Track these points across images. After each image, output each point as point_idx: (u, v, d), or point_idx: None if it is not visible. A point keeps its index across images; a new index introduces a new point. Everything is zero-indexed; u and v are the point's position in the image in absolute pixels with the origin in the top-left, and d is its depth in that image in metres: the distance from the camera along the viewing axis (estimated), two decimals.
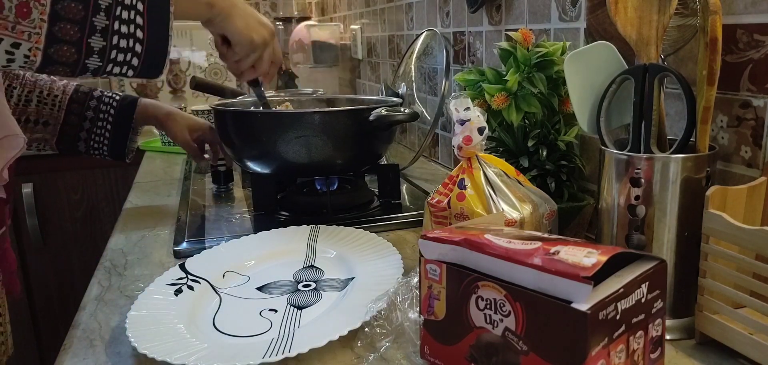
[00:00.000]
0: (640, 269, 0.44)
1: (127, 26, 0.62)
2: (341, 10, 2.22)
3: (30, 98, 0.97)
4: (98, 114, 1.01)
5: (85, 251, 1.88)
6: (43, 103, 0.98)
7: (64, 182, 1.81)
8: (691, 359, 0.54)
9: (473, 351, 0.48)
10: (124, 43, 0.63)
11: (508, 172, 0.70)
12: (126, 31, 0.62)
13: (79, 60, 0.61)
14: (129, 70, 0.65)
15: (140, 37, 0.64)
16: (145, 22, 0.64)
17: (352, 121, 0.92)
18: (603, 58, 0.63)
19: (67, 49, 0.59)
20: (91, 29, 0.60)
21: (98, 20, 0.60)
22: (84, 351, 0.60)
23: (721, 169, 0.63)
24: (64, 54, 0.60)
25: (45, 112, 0.98)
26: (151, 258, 0.84)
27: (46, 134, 0.99)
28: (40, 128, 0.98)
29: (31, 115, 0.97)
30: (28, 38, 0.57)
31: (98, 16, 0.60)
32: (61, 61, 0.60)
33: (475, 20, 1.13)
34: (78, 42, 0.60)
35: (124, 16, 0.62)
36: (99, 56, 0.62)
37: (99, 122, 1.01)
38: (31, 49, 0.58)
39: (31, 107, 0.97)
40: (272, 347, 0.55)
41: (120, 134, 1.03)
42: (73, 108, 1.00)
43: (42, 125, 0.98)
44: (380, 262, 0.73)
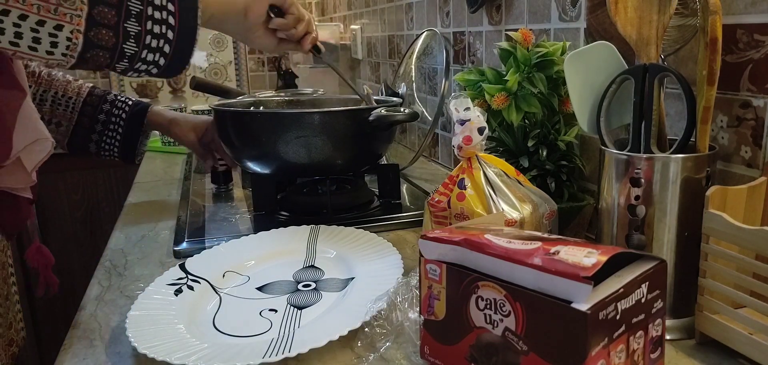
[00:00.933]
0: (640, 269, 0.44)
1: (159, 12, 0.65)
2: (341, 10, 2.22)
3: (45, 97, 0.99)
4: (110, 117, 1.03)
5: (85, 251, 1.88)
6: (58, 104, 0.99)
7: (64, 182, 1.81)
8: (691, 359, 0.54)
9: (473, 351, 0.48)
10: (158, 29, 0.65)
11: (508, 172, 0.70)
12: (158, 16, 0.65)
13: (117, 44, 0.63)
14: (161, 57, 0.67)
15: (172, 23, 0.66)
16: (176, 9, 0.66)
17: (352, 121, 0.92)
18: (603, 58, 0.63)
19: (106, 33, 0.61)
20: (127, 13, 0.62)
21: (133, 5, 0.62)
22: (84, 351, 0.60)
23: (721, 169, 0.63)
24: (103, 37, 0.62)
25: (58, 112, 0.99)
26: (151, 258, 0.84)
27: (58, 135, 1.00)
28: (53, 128, 0.99)
29: (46, 114, 0.99)
30: (70, 20, 0.59)
31: (133, 1, 0.62)
32: (101, 45, 0.62)
33: (475, 20, 1.13)
34: (115, 26, 0.62)
35: (157, 1, 0.64)
36: (135, 41, 0.64)
37: (111, 125, 1.03)
38: (73, 31, 0.60)
39: (45, 107, 0.99)
40: (272, 347, 0.55)
41: (131, 136, 1.04)
42: (87, 110, 1.01)
43: (55, 125, 1.00)
44: (380, 262, 0.73)
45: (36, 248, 0.85)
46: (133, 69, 0.67)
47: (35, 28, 0.58)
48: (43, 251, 0.86)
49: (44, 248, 0.86)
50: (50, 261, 0.87)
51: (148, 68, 0.68)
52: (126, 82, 2.20)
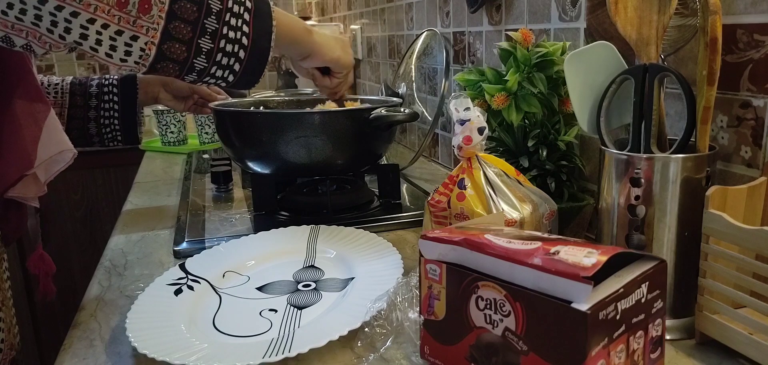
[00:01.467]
0: (640, 269, 0.44)
1: (234, 32, 0.66)
2: (341, 10, 2.22)
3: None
4: (102, 89, 1.03)
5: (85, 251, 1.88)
6: (46, 93, 0.98)
7: (64, 182, 1.81)
8: (691, 359, 0.54)
9: (473, 351, 0.48)
10: (230, 48, 0.66)
11: (508, 172, 0.70)
12: (233, 36, 0.66)
13: (188, 59, 0.64)
14: (230, 74, 0.68)
15: (245, 44, 0.67)
16: (250, 31, 0.67)
17: (351, 121, 0.92)
18: (603, 58, 0.63)
19: (179, 47, 0.63)
20: (202, 30, 0.63)
21: (209, 23, 0.63)
22: (84, 351, 0.60)
23: (721, 169, 0.63)
24: (175, 51, 0.63)
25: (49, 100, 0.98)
26: (151, 258, 0.84)
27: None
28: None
29: None
30: (146, 33, 0.60)
31: (209, 19, 0.63)
32: (173, 58, 0.63)
33: (475, 20, 1.13)
34: (189, 42, 0.63)
35: (233, 22, 0.65)
36: (206, 58, 0.65)
37: (105, 97, 1.02)
38: (148, 43, 0.61)
39: None
40: (272, 347, 0.55)
41: (129, 106, 1.04)
42: (76, 90, 1.01)
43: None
44: (380, 262, 0.73)
45: (38, 256, 0.85)
46: (201, 81, 0.68)
47: (114, 37, 0.59)
48: (44, 259, 0.86)
49: (46, 256, 0.87)
50: (51, 269, 0.87)
51: (216, 81, 0.69)
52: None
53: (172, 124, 1.62)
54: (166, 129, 1.63)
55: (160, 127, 1.64)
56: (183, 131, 1.65)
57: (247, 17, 0.67)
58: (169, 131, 1.63)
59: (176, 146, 1.64)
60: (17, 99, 0.72)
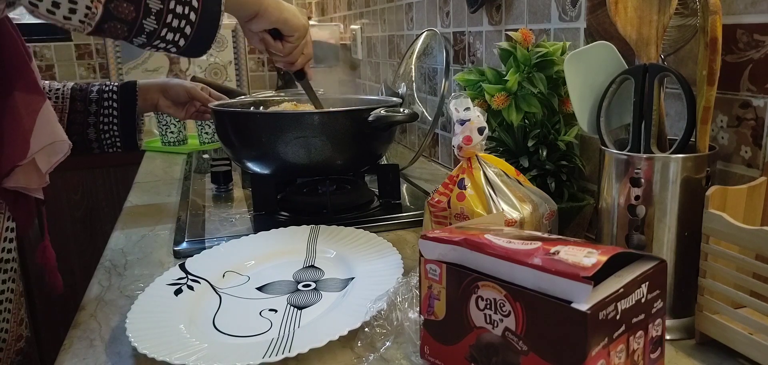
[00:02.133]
0: (640, 269, 0.44)
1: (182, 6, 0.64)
2: (341, 10, 2.22)
3: None
4: (102, 95, 1.02)
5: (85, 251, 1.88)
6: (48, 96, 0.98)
7: (64, 182, 1.81)
8: (691, 359, 0.54)
9: (473, 351, 0.48)
10: (180, 9, 0.64)
11: (508, 172, 0.70)
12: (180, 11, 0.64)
13: (136, 19, 0.62)
14: (181, 38, 0.67)
15: (195, 6, 0.66)
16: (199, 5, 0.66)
17: (351, 121, 0.92)
18: (603, 58, 0.63)
19: (127, 6, 0.61)
20: None
21: None
22: (84, 351, 0.60)
23: (721, 169, 0.63)
24: (123, 10, 0.61)
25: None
26: (151, 258, 0.84)
27: None
28: None
29: None
30: None
31: None
32: (120, 17, 0.61)
33: (475, 20, 1.13)
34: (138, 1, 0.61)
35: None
36: (155, 19, 0.63)
37: (105, 102, 1.02)
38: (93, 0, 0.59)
39: None
40: (272, 347, 0.55)
41: (128, 113, 1.03)
42: (77, 95, 1.01)
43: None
44: (380, 262, 0.73)
45: (43, 248, 0.86)
46: (151, 45, 0.67)
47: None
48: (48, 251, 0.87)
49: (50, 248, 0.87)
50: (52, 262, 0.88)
51: (166, 46, 0.68)
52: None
53: (172, 124, 1.62)
54: (166, 129, 1.63)
55: (160, 127, 1.64)
56: (183, 131, 1.65)
57: None
58: (169, 131, 1.63)
59: (176, 146, 1.64)
60: (17, 91, 0.72)
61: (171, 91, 1.11)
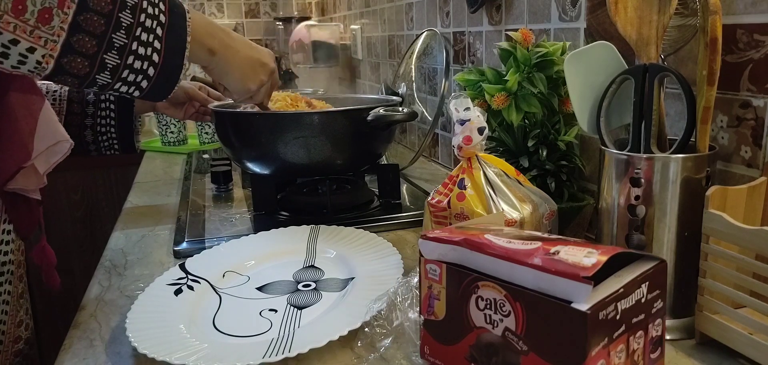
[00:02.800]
0: (640, 269, 0.44)
1: (144, 48, 0.61)
2: (341, 10, 2.22)
3: None
4: (99, 97, 1.00)
5: (85, 251, 1.88)
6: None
7: (64, 182, 1.81)
8: (691, 359, 0.54)
9: (473, 351, 0.48)
10: (139, 65, 0.62)
11: (508, 172, 0.70)
12: (142, 52, 0.61)
13: (89, 74, 0.59)
14: (136, 90, 0.64)
15: (156, 61, 0.63)
16: (162, 48, 0.63)
17: (350, 121, 0.92)
18: (603, 58, 0.63)
19: (81, 62, 0.58)
20: (109, 45, 0.59)
21: (117, 38, 0.59)
22: (84, 351, 0.60)
23: (721, 169, 0.63)
24: (76, 66, 0.58)
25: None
26: (151, 258, 0.84)
27: None
28: None
29: None
30: (44, 45, 0.56)
31: (118, 33, 0.59)
32: (72, 72, 0.59)
33: (475, 20, 1.13)
34: (93, 56, 0.58)
35: (144, 38, 0.61)
36: (111, 74, 0.60)
37: (101, 105, 1.01)
38: (45, 56, 0.56)
39: None
40: (272, 347, 0.55)
41: (125, 115, 1.01)
42: (73, 97, 1.00)
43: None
44: (380, 262, 0.73)
45: (41, 248, 0.86)
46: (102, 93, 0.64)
47: (7, 45, 0.55)
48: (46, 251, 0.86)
49: (48, 248, 0.87)
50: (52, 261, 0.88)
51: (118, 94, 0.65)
52: None
53: (172, 124, 1.62)
54: (166, 129, 1.63)
55: (160, 127, 1.64)
56: (183, 131, 1.65)
57: (159, 32, 0.62)
58: (169, 131, 1.63)
59: (176, 146, 1.64)
60: (12, 91, 0.70)
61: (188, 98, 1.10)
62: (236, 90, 0.80)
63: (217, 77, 0.78)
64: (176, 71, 0.65)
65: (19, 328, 0.82)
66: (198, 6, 2.72)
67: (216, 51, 0.73)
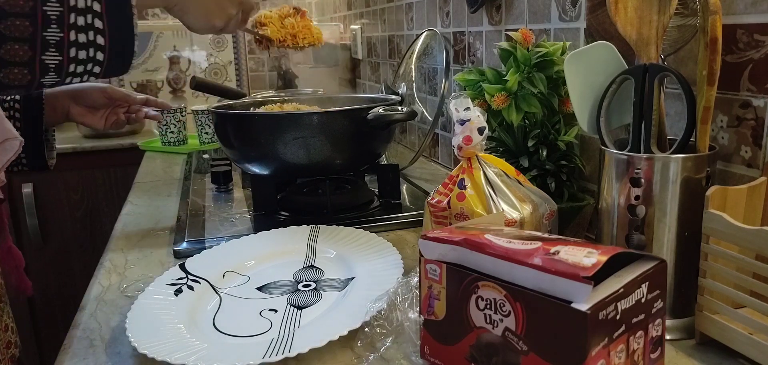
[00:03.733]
0: (640, 269, 0.44)
1: (84, 34, 0.56)
2: (341, 10, 2.22)
3: None
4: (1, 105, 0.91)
5: (85, 251, 1.88)
6: None
7: (64, 182, 1.81)
8: (691, 359, 0.54)
9: (473, 351, 0.48)
10: (84, 54, 0.57)
11: (508, 172, 0.70)
12: (84, 39, 0.57)
13: (33, 80, 0.56)
14: (90, 76, 0.60)
15: (101, 43, 0.58)
16: (105, 25, 0.58)
17: (349, 121, 0.92)
18: (603, 58, 0.63)
19: (18, 72, 0.54)
20: (44, 45, 0.54)
21: (50, 34, 0.54)
22: (84, 351, 0.60)
23: (721, 169, 0.63)
24: (15, 77, 0.55)
25: None
26: (151, 258, 0.84)
27: None
28: None
29: None
30: None
31: (49, 28, 0.54)
32: (13, 84, 0.55)
33: (475, 20, 1.13)
34: (30, 62, 0.54)
35: (80, 22, 0.56)
36: (56, 72, 0.57)
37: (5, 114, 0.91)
38: None
39: None
40: (272, 347, 0.55)
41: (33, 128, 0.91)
42: None
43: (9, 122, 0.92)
44: (380, 262, 0.73)
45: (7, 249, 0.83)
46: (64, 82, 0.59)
47: None
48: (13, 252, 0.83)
49: (15, 249, 0.84)
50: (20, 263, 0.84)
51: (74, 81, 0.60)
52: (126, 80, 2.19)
53: (172, 124, 1.62)
54: (166, 129, 1.63)
55: (160, 127, 1.64)
56: (183, 131, 1.65)
57: (97, 8, 0.56)
58: (169, 131, 1.63)
59: (176, 146, 1.64)
60: None
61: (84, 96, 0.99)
62: (200, 27, 0.77)
63: (178, 17, 0.75)
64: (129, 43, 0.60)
65: (6, 333, 0.80)
66: None
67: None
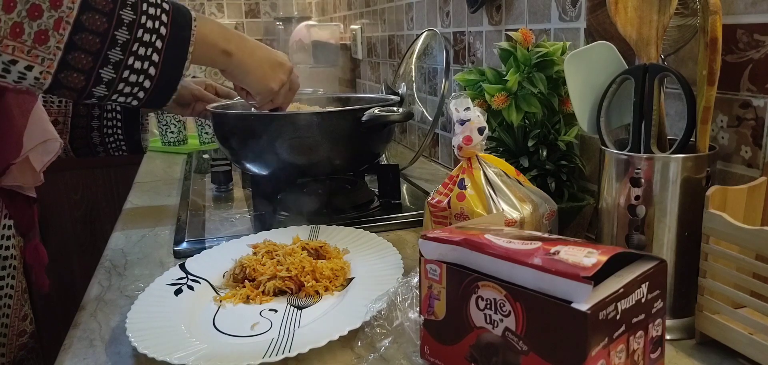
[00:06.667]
0: (640, 269, 0.44)
1: (141, 62, 0.63)
2: (341, 10, 2.22)
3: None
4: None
5: (85, 251, 1.87)
6: (50, 101, 0.98)
7: (64, 182, 1.80)
8: (691, 359, 0.54)
9: (473, 351, 0.48)
10: (134, 78, 0.63)
11: (508, 172, 0.70)
12: (139, 66, 0.63)
13: (86, 87, 0.61)
14: (133, 100, 0.65)
15: (152, 74, 0.64)
16: (160, 60, 0.64)
17: (346, 121, 0.92)
18: (603, 58, 0.63)
19: (77, 77, 0.60)
20: (104, 61, 0.61)
21: (113, 54, 0.61)
22: (84, 351, 0.60)
23: (721, 169, 0.63)
24: (73, 80, 0.60)
25: (52, 109, 0.98)
26: (151, 258, 0.84)
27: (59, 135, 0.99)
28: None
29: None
30: (42, 63, 0.58)
31: (114, 49, 0.61)
32: (69, 86, 0.61)
33: (475, 20, 1.13)
34: (89, 71, 0.61)
35: (141, 52, 0.62)
36: (107, 87, 0.62)
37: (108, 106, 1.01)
38: (43, 72, 0.59)
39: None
40: (272, 347, 0.55)
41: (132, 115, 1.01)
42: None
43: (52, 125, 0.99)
44: (380, 262, 0.73)
45: (34, 246, 0.86)
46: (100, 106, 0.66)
47: (7, 65, 0.58)
48: (39, 250, 0.87)
49: (41, 247, 0.87)
50: (44, 261, 0.88)
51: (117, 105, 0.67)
52: None
53: (172, 124, 1.62)
54: (166, 129, 1.62)
55: (160, 127, 1.64)
56: (183, 131, 1.65)
57: (158, 45, 0.63)
58: (169, 131, 1.63)
59: (176, 146, 1.64)
60: (9, 92, 0.71)
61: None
62: (258, 90, 0.81)
63: (237, 80, 0.79)
64: (174, 83, 0.66)
65: (24, 322, 0.82)
66: (198, 6, 2.72)
67: (232, 53, 0.74)
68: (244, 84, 0.80)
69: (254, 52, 0.77)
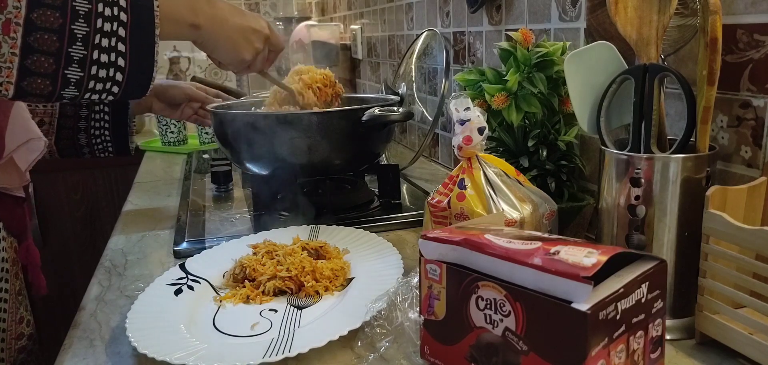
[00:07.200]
0: (640, 269, 0.44)
1: (107, 55, 0.60)
2: (341, 10, 2.22)
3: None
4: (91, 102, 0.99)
5: (85, 251, 1.88)
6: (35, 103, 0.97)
7: (64, 182, 1.81)
8: (691, 359, 0.54)
9: (473, 351, 0.48)
10: (104, 73, 0.60)
11: (508, 172, 0.70)
12: (106, 59, 0.60)
13: (54, 91, 0.59)
14: (108, 96, 0.63)
15: (122, 65, 0.61)
16: (127, 49, 0.61)
17: (346, 121, 0.92)
18: (603, 58, 0.63)
19: (42, 82, 0.58)
20: (68, 60, 0.58)
21: (75, 51, 0.58)
22: (84, 351, 0.60)
23: (721, 169, 0.63)
24: (37, 86, 0.58)
25: (38, 111, 0.96)
26: (151, 258, 0.84)
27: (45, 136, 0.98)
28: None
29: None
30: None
31: (74, 46, 0.58)
32: (35, 93, 0.58)
33: (475, 20, 1.13)
34: (53, 74, 0.58)
35: (105, 43, 0.59)
36: (76, 87, 0.60)
37: (95, 108, 0.99)
38: (3, 83, 0.56)
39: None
40: (272, 347, 0.55)
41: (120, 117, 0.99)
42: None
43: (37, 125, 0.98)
44: (380, 262, 0.73)
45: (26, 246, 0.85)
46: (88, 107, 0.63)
47: None
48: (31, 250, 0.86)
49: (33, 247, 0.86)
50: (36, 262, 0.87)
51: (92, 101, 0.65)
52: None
53: (172, 124, 1.62)
54: (166, 129, 1.63)
55: (160, 127, 1.64)
56: (183, 131, 1.65)
57: (122, 33, 0.60)
58: (169, 131, 1.63)
59: (176, 146, 1.64)
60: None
61: (167, 94, 1.09)
62: (230, 62, 0.78)
63: (207, 52, 0.76)
64: (148, 71, 0.63)
65: (21, 325, 0.82)
66: None
67: (200, 25, 0.71)
68: (214, 56, 0.77)
69: (225, 22, 0.74)
